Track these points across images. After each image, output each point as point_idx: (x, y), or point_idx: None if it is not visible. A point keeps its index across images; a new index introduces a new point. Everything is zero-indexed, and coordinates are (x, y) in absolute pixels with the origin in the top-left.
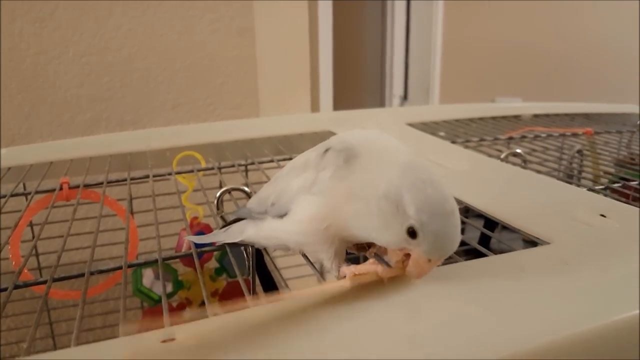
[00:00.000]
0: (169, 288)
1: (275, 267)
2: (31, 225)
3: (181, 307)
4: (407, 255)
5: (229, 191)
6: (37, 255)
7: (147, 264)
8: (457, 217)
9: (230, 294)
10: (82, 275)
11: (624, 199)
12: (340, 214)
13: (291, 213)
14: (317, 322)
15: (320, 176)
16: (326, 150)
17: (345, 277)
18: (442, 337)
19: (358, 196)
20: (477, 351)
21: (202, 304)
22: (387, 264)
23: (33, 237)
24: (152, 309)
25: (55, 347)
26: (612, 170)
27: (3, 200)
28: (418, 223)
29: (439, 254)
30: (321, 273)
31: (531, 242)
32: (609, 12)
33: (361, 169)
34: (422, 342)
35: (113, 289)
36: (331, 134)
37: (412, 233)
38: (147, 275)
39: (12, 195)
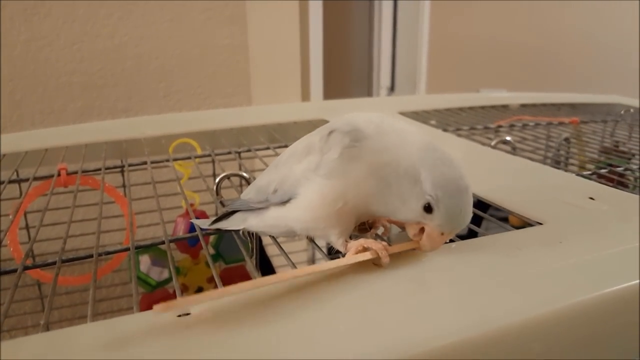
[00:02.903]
0: (165, 274)
1: (282, 249)
2: (24, 212)
3: None
4: (422, 230)
5: (228, 177)
6: (30, 241)
7: (154, 245)
8: (469, 195)
9: (225, 280)
10: (91, 256)
11: (610, 184)
12: (359, 191)
13: (298, 197)
14: (324, 295)
15: (325, 157)
16: (330, 132)
17: (350, 251)
18: (446, 309)
19: (378, 174)
20: (480, 322)
21: (198, 290)
22: (388, 244)
23: (26, 224)
24: (149, 294)
25: None
26: (597, 157)
27: (1, 186)
28: (434, 199)
29: (451, 228)
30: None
31: (519, 229)
32: (587, 8)
33: (377, 149)
34: (427, 314)
35: (104, 278)
36: (325, 122)
37: (427, 208)
38: (144, 261)
39: (8, 182)
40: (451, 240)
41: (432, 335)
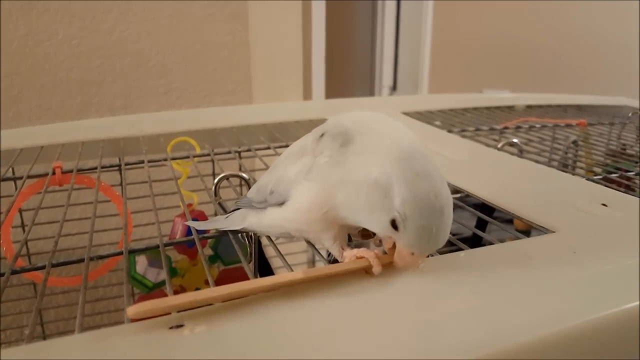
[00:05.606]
0: (162, 275)
1: (280, 253)
2: (20, 210)
3: (175, 294)
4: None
5: (227, 177)
6: (21, 243)
7: (148, 249)
8: (445, 215)
9: (224, 282)
10: (82, 260)
11: (621, 189)
12: (335, 198)
13: (290, 200)
14: (327, 307)
15: (316, 161)
16: (322, 135)
17: (345, 260)
18: (454, 324)
19: (350, 180)
20: (488, 339)
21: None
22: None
23: (22, 223)
24: (145, 296)
25: (44, 334)
26: (603, 160)
27: None
28: (401, 217)
29: (420, 249)
30: (309, 260)
31: (524, 232)
32: (595, 6)
33: (355, 153)
34: (435, 329)
35: (101, 277)
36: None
37: (394, 225)
38: (141, 262)
39: (2, 180)
40: (459, 249)
41: (436, 354)
